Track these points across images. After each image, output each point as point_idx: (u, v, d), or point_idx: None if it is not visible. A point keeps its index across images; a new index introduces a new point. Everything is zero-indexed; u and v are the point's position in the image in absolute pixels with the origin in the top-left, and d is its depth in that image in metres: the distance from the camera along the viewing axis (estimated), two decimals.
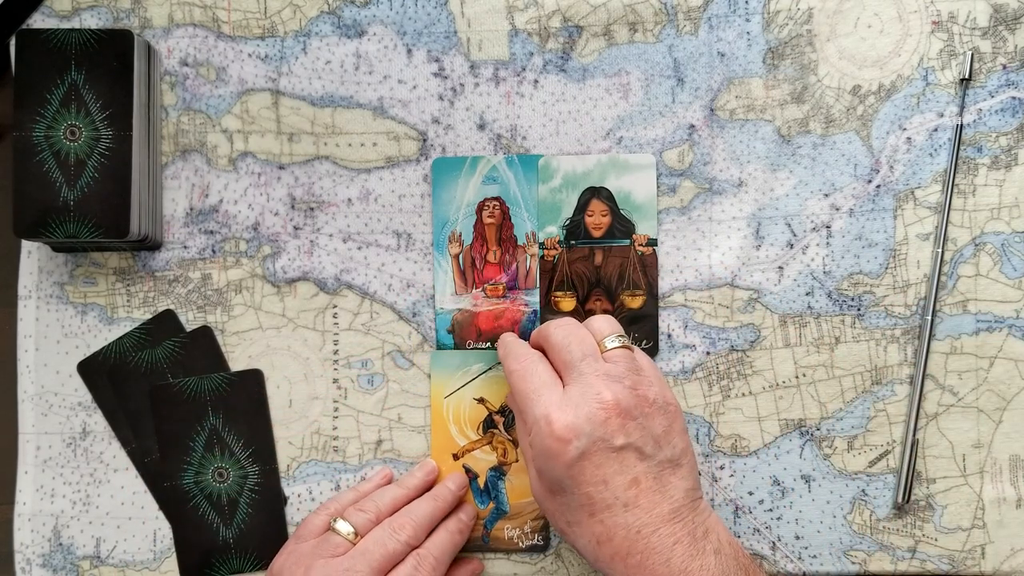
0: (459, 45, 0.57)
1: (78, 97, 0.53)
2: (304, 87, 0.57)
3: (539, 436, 0.45)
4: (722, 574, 0.43)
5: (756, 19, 0.56)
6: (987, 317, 0.55)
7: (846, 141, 0.56)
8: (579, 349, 0.47)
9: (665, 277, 0.56)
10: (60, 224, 0.53)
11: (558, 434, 0.44)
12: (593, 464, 0.43)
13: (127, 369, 0.56)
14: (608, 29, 0.57)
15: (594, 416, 0.44)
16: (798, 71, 0.56)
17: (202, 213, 0.57)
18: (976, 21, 0.56)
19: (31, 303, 0.57)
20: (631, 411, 0.44)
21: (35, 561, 0.56)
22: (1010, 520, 0.55)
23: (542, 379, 0.47)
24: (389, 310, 0.57)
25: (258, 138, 0.57)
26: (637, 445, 0.44)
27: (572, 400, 0.45)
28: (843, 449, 0.56)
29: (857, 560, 0.55)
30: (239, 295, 0.57)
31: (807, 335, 0.56)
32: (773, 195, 0.56)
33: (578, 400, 0.44)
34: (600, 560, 0.44)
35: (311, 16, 0.57)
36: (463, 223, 0.57)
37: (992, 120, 0.56)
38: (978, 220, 0.56)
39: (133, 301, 0.57)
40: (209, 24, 0.57)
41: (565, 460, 0.44)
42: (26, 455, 0.57)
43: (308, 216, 0.57)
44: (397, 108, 0.57)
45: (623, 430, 0.44)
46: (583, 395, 0.45)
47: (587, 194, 0.56)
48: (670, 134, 0.56)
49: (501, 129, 0.57)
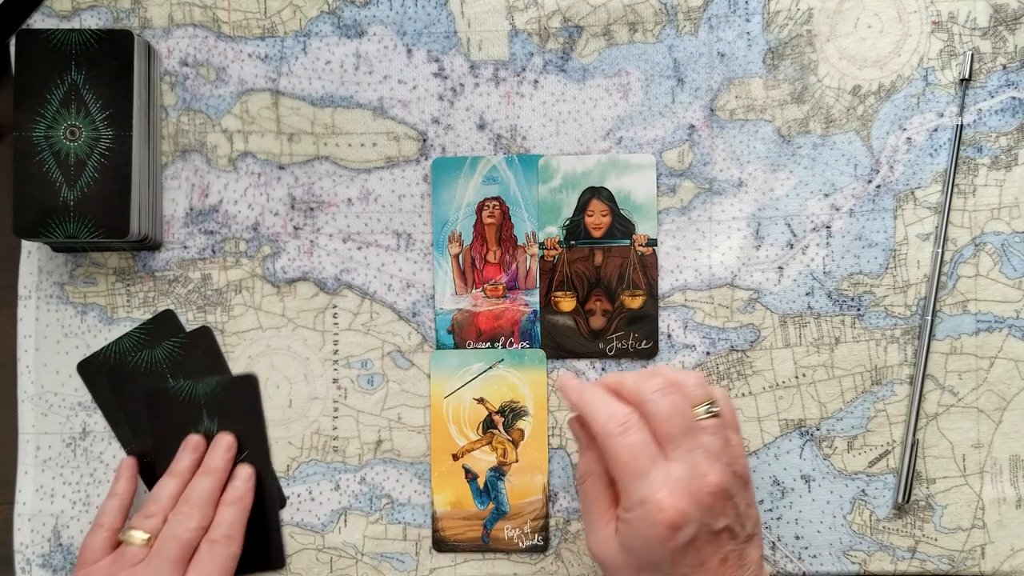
0: (459, 45, 0.57)
1: (78, 97, 0.53)
2: (304, 87, 0.57)
3: (645, 520, 0.42)
4: None
5: (756, 19, 0.56)
6: (987, 317, 0.55)
7: (846, 141, 0.56)
8: (682, 422, 0.44)
9: (665, 277, 0.56)
10: (60, 224, 0.53)
11: (670, 521, 0.42)
12: (695, 548, 0.43)
13: (127, 370, 0.56)
14: (608, 29, 0.57)
15: (703, 501, 0.43)
16: (798, 71, 0.56)
17: (202, 213, 0.57)
18: (976, 21, 0.56)
19: (31, 303, 0.57)
20: (730, 491, 0.44)
21: (35, 561, 0.56)
22: (1010, 520, 0.55)
23: (649, 453, 0.44)
24: (389, 310, 0.57)
25: (258, 138, 0.57)
26: (731, 526, 0.44)
27: (681, 483, 0.43)
28: (843, 449, 0.55)
29: (857, 560, 0.55)
30: (239, 295, 0.57)
31: (807, 335, 0.56)
32: (773, 195, 0.56)
33: (687, 483, 0.43)
34: None
35: (311, 16, 0.57)
36: (463, 223, 0.57)
37: (992, 120, 0.56)
38: (978, 220, 0.56)
39: (133, 301, 0.57)
40: (209, 24, 0.57)
41: (672, 546, 0.42)
42: (26, 455, 0.57)
43: (308, 216, 0.57)
44: (397, 108, 0.57)
45: (724, 513, 0.43)
46: (691, 477, 0.43)
47: (587, 194, 0.56)
48: (670, 134, 0.56)
49: (501, 129, 0.57)
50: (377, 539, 0.56)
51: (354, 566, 0.56)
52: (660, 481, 0.43)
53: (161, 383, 0.56)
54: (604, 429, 0.45)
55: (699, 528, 0.42)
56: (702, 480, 0.43)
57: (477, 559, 0.56)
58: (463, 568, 0.56)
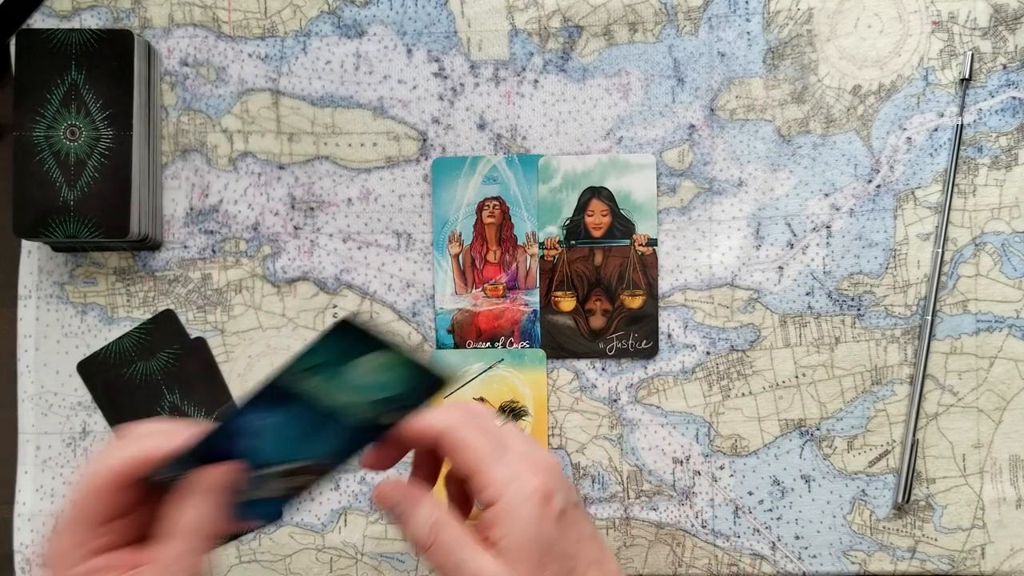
0: (459, 45, 0.57)
1: (78, 97, 0.53)
2: (304, 87, 0.57)
3: (520, 497, 0.40)
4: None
5: (756, 19, 0.56)
6: (987, 317, 0.55)
7: (846, 141, 0.56)
8: (492, 423, 0.43)
9: (665, 277, 0.56)
10: (60, 224, 0.53)
11: (542, 488, 0.40)
12: (569, 520, 0.41)
13: (122, 383, 0.56)
14: (608, 29, 0.57)
15: (555, 470, 0.42)
16: (798, 71, 0.56)
17: (202, 213, 0.57)
18: (976, 21, 0.56)
19: (31, 303, 0.57)
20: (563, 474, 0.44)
21: (35, 561, 0.56)
22: (1010, 520, 0.55)
23: (489, 442, 0.41)
24: (389, 310, 0.57)
25: (258, 138, 0.57)
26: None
27: (528, 458, 0.41)
28: (843, 449, 0.55)
29: (857, 560, 0.55)
30: (239, 295, 0.57)
31: (807, 335, 0.56)
32: (773, 195, 0.56)
33: (533, 458, 0.41)
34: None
35: (311, 16, 0.57)
36: (463, 223, 0.57)
37: (992, 120, 0.56)
38: (978, 220, 0.56)
39: (133, 301, 0.57)
40: (209, 24, 0.57)
41: (553, 515, 0.40)
42: (26, 455, 0.57)
43: (308, 216, 0.57)
44: (397, 108, 0.57)
45: (572, 489, 0.43)
46: (533, 453, 0.42)
47: (587, 194, 0.56)
48: (670, 134, 0.56)
49: (501, 129, 0.57)
50: (377, 539, 0.56)
51: (354, 566, 0.56)
52: (515, 460, 0.40)
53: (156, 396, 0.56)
54: (444, 429, 0.40)
55: (565, 497, 0.40)
56: (543, 454, 0.41)
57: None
58: None
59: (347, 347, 0.37)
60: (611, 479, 0.56)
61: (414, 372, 0.38)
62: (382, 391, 0.39)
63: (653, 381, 0.56)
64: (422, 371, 0.39)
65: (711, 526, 0.56)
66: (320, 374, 0.38)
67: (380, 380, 0.38)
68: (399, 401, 0.39)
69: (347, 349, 0.37)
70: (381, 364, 0.38)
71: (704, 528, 0.56)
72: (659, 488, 0.56)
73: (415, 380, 0.39)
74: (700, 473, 0.56)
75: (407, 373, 0.38)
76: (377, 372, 0.38)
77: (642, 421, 0.56)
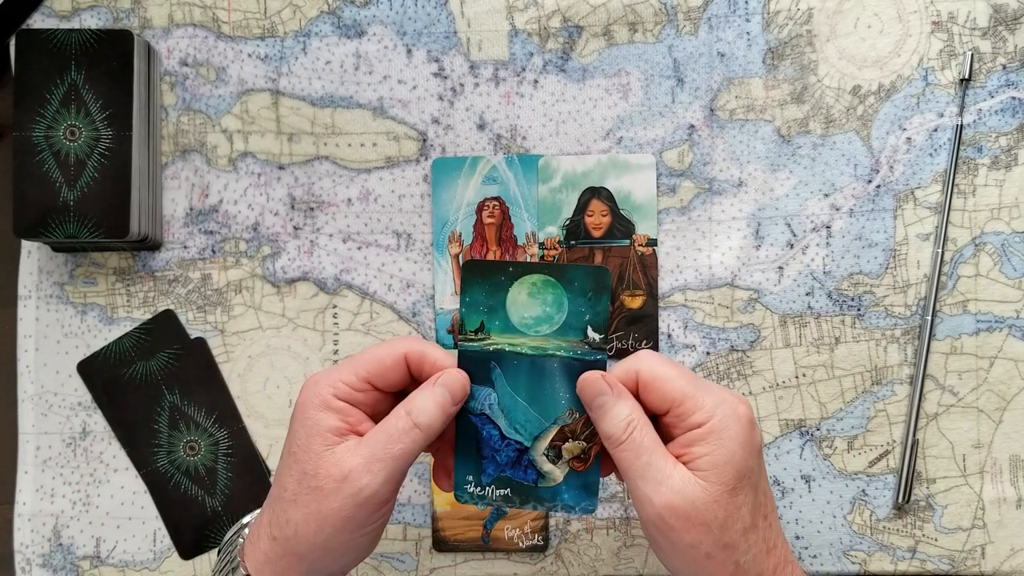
0: (459, 45, 0.57)
1: (78, 97, 0.53)
2: (304, 87, 0.57)
3: (731, 417, 0.41)
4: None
5: (756, 19, 0.56)
6: (987, 317, 0.55)
7: (846, 141, 0.56)
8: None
9: (665, 277, 0.56)
10: (60, 224, 0.53)
11: (750, 416, 0.42)
12: (761, 463, 0.43)
13: (122, 383, 0.56)
14: (608, 29, 0.57)
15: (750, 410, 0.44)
16: (798, 71, 0.56)
17: (202, 213, 0.57)
18: (976, 21, 0.56)
19: (31, 303, 0.57)
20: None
21: (35, 561, 0.56)
22: (1010, 520, 0.55)
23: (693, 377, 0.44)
24: (389, 310, 0.57)
25: (258, 138, 0.57)
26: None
27: (729, 390, 0.44)
28: (843, 449, 0.55)
29: (857, 560, 0.55)
30: (239, 295, 0.57)
31: (807, 335, 0.56)
32: (773, 195, 0.56)
33: (732, 393, 0.44)
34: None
35: (311, 16, 0.57)
36: (463, 223, 0.57)
37: (992, 120, 0.56)
38: (978, 220, 0.56)
39: (133, 301, 0.57)
40: (209, 24, 0.57)
41: (758, 445, 0.41)
42: (26, 455, 0.57)
43: (308, 216, 0.57)
44: (397, 108, 0.57)
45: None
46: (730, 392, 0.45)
47: (587, 194, 0.56)
48: (670, 134, 0.56)
49: (501, 129, 0.57)
50: None
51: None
52: (718, 390, 0.41)
53: (156, 396, 0.56)
54: (643, 367, 0.42)
55: (761, 438, 0.42)
56: (736, 393, 0.43)
57: (477, 559, 0.56)
58: (463, 568, 0.56)
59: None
60: (611, 479, 0.56)
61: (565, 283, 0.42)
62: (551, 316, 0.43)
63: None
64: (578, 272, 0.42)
65: None
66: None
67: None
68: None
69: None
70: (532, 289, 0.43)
71: None
72: None
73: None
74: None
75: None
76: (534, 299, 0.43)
77: None
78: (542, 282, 0.43)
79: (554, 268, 0.43)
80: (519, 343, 0.43)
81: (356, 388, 0.42)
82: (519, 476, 0.44)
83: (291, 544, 0.41)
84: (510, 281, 0.43)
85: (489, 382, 0.43)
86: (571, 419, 0.43)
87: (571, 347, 0.43)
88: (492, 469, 0.44)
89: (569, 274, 0.42)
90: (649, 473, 0.39)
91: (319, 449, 0.40)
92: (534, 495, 0.44)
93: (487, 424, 0.43)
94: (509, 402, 0.43)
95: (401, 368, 0.42)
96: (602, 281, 0.42)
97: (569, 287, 0.42)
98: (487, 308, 0.43)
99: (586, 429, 0.43)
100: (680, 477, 0.39)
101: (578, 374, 0.42)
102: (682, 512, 0.39)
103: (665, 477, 0.39)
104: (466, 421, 0.43)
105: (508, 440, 0.43)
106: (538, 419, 0.43)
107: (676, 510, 0.39)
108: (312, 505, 0.40)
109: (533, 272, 0.43)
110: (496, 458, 0.44)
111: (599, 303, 0.43)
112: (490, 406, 0.43)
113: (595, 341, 0.43)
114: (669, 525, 0.39)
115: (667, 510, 0.39)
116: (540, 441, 0.43)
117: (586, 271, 0.42)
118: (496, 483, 0.44)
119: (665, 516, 0.39)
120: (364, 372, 0.42)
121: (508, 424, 0.43)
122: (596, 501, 0.43)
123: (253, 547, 0.42)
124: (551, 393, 0.43)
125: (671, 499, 0.39)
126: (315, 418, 0.41)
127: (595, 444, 0.43)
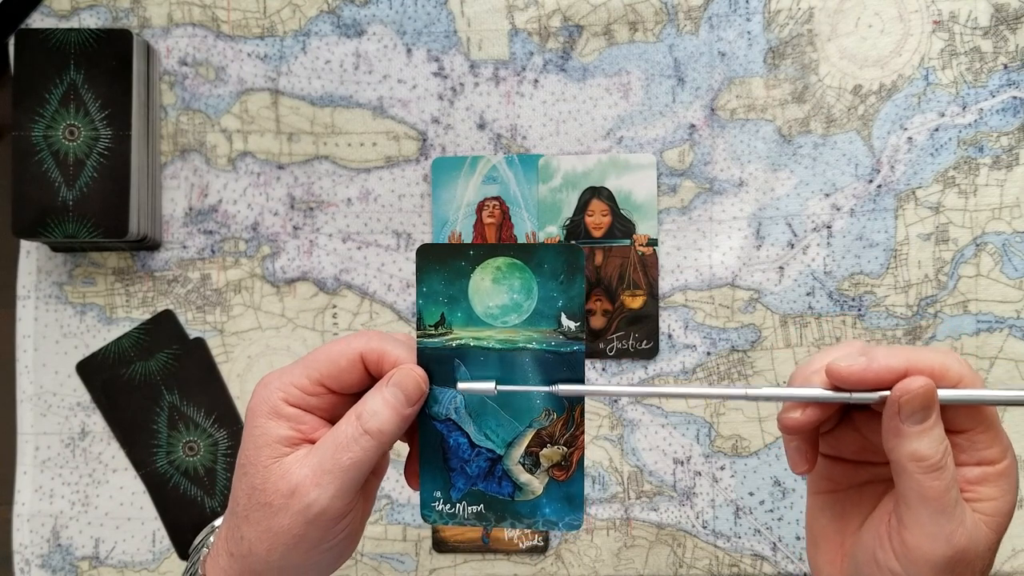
0: (459, 45, 0.57)
1: (77, 97, 0.53)
2: (304, 87, 0.57)
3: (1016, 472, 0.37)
4: None
5: (757, 19, 0.56)
6: (988, 317, 0.55)
7: (847, 141, 0.56)
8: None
9: (665, 277, 0.56)
10: (59, 224, 0.53)
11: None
12: None
13: (121, 382, 0.56)
14: (608, 29, 0.57)
15: None
16: (799, 71, 0.56)
17: (201, 213, 0.57)
18: (977, 21, 0.56)
19: (30, 303, 0.57)
20: None
21: (34, 562, 0.56)
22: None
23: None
24: (389, 310, 0.57)
25: (257, 138, 0.57)
26: None
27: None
28: None
29: None
30: (238, 295, 0.57)
31: (808, 335, 0.56)
32: (774, 195, 0.56)
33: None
34: None
35: (311, 16, 0.57)
36: (463, 223, 0.57)
37: (993, 120, 0.56)
38: (979, 220, 0.56)
39: (132, 301, 0.57)
40: (208, 24, 0.57)
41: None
42: (25, 455, 0.57)
43: (308, 216, 0.57)
44: (397, 108, 0.57)
45: None
46: None
47: (587, 194, 0.56)
48: (670, 134, 0.56)
49: (501, 129, 0.57)
50: (377, 539, 0.56)
51: (354, 566, 0.56)
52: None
53: (155, 396, 0.56)
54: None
55: None
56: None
57: (477, 560, 0.56)
58: (463, 569, 0.56)
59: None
60: (611, 479, 0.56)
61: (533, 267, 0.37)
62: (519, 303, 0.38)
63: (653, 382, 0.56)
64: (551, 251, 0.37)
65: (712, 527, 0.56)
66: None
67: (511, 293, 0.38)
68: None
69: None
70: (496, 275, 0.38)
71: (705, 529, 0.56)
72: (660, 489, 0.56)
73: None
74: (701, 474, 0.56)
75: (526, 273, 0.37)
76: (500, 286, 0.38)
77: (643, 422, 0.56)
78: (507, 265, 0.37)
79: (520, 249, 0.37)
80: (485, 336, 0.38)
81: (309, 392, 0.37)
82: (493, 490, 0.38)
83: (247, 562, 0.37)
84: (472, 266, 0.38)
85: (453, 382, 0.38)
86: (548, 421, 0.38)
87: (544, 338, 0.37)
88: (462, 483, 0.38)
89: (537, 255, 0.37)
90: (956, 510, 0.34)
91: (267, 461, 0.37)
92: (511, 511, 0.38)
93: (454, 431, 0.38)
94: (477, 405, 0.38)
95: (357, 368, 0.38)
96: (575, 262, 0.37)
97: (538, 270, 0.37)
98: (447, 298, 0.38)
99: (565, 432, 0.38)
100: (971, 519, 0.35)
101: (552, 368, 0.37)
102: (968, 559, 0.35)
103: (965, 517, 0.35)
104: (430, 429, 0.38)
105: (478, 448, 0.38)
106: (511, 422, 0.38)
107: (966, 555, 0.35)
108: (263, 523, 0.36)
109: (497, 255, 0.37)
110: (466, 470, 0.38)
111: (572, 287, 0.37)
112: (456, 410, 0.38)
113: (570, 330, 0.37)
114: (955, 571, 0.35)
115: (959, 554, 0.35)
116: (514, 448, 0.38)
117: (556, 250, 0.37)
118: (468, 498, 0.39)
119: (955, 560, 0.35)
120: (316, 374, 0.37)
121: (477, 430, 0.38)
122: (582, 515, 0.38)
123: (213, 562, 0.39)
124: (524, 392, 0.38)
125: (965, 544, 0.35)
126: (263, 427, 0.37)
127: (576, 449, 0.38)
